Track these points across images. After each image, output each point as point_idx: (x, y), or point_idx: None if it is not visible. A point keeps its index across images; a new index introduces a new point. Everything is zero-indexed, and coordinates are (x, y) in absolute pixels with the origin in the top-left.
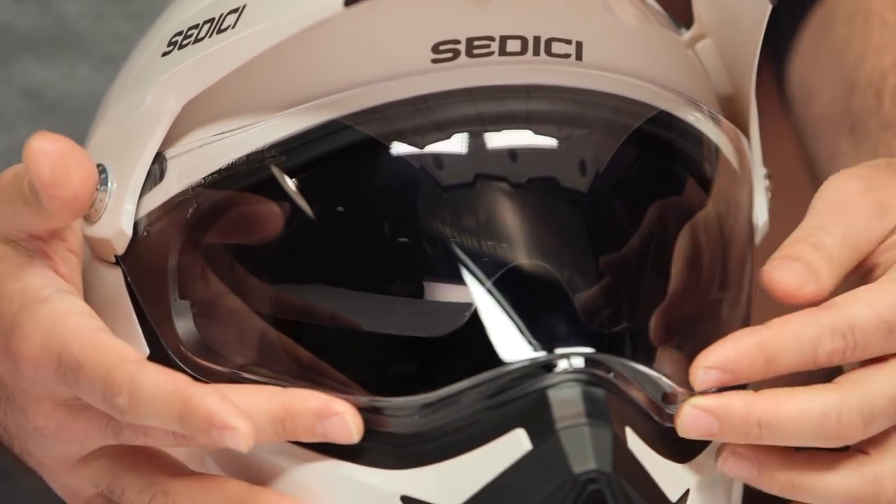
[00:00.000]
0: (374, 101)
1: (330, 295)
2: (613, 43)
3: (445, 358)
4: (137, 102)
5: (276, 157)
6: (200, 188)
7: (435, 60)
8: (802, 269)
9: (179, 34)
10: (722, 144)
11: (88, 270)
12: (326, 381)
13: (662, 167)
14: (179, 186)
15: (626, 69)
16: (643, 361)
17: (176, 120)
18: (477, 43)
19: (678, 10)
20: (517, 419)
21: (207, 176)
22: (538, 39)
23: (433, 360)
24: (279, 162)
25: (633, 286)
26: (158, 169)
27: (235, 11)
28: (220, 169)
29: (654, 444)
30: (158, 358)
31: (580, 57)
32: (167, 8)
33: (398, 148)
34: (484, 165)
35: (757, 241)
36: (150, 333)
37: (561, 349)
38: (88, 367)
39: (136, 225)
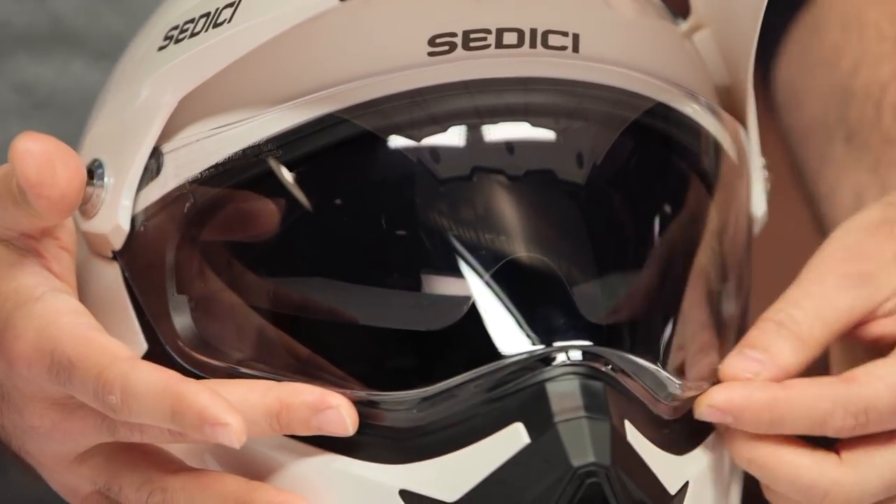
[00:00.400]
0: (370, 94)
1: (328, 289)
2: (610, 35)
3: (443, 351)
4: (134, 97)
5: (272, 151)
6: (197, 183)
7: (431, 53)
8: (755, 359)
9: (175, 28)
10: (720, 136)
11: (85, 266)
12: (325, 375)
13: (660, 159)
14: (176, 181)
15: (623, 61)
16: (642, 354)
17: (172, 114)
18: (473, 36)
19: (675, 0)
20: (516, 413)
21: (204, 170)
22: (535, 32)
23: (431, 353)
24: (276, 156)
25: (631, 279)
26: (155, 164)
27: (231, 6)
28: (217, 163)
29: (653, 436)
30: (156, 353)
31: (577, 49)
32: (163, 2)
33: (395, 141)
34: (481, 158)
35: (756, 232)
36: (147, 328)
37: (559, 342)
38: (81, 365)
39: (133, 220)
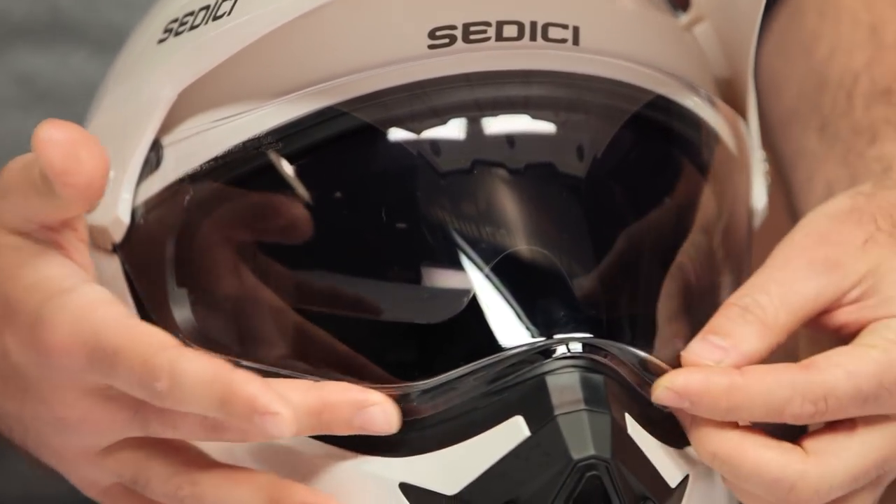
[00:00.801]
0: (370, 87)
1: (328, 281)
2: (610, 27)
3: (443, 344)
4: (134, 90)
5: (273, 143)
6: (197, 175)
7: (431, 46)
8: (717, 346)
9: (175, 21)
10: (720, 128)
11: None
12: (324, 368)
13: (660, 152)
14: (176, 174)
15: (623, 53)
16: (642, 347)
17: (172, 107)
18: (473, 28)
19: None
20: (516, 406)
21: (204, 163)
22: (535, 24)
23: (431, 346)
24: (276, 148)
25: (631, 271)
26: (155, 156)
27: None
28: (216, 156)
29: (653, 429)
30: None
31: (577, 42)
32: None
33: (395, 134)
34: (481, 151)
35: (756, 224)
36: (147, 321)
37: (559, 335)
38: (125, 353)
39: (133, 213)
